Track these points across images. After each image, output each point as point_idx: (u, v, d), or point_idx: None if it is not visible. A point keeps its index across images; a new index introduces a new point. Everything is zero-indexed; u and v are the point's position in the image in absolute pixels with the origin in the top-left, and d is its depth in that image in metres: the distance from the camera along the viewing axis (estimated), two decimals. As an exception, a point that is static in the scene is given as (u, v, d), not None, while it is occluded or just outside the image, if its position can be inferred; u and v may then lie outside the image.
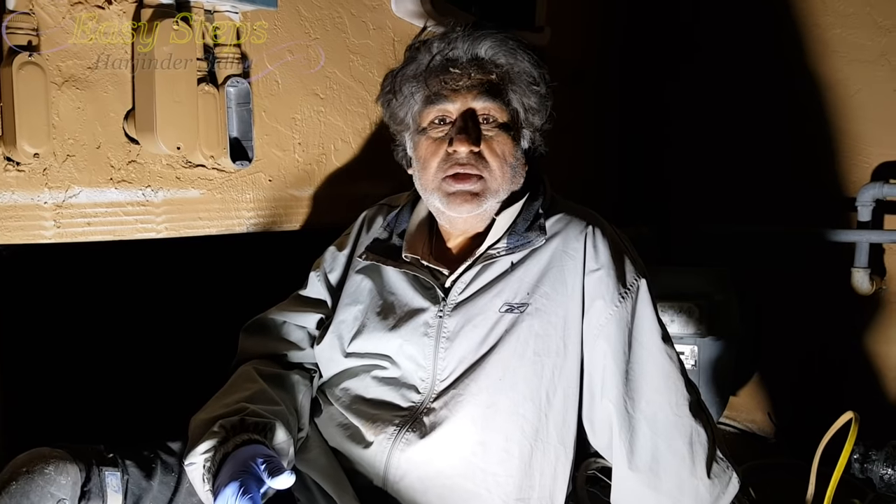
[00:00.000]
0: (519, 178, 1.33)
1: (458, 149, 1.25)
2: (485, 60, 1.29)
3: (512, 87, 1.30)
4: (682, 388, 1.24)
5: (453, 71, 1.28)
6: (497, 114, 1.28)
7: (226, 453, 1.10)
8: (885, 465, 1.95)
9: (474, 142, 1.25)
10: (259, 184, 1.60)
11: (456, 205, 1.28)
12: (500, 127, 1.28)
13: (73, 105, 1.30)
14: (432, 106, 1.29)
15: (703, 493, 1.21)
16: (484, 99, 1.27)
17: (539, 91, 1.31)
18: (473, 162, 1.26)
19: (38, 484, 1.08)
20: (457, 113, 1.28)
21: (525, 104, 1.31)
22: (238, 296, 1.69)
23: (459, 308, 1.28)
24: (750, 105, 2.51)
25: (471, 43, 1.28)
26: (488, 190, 1.28)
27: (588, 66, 2.58)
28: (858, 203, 2.24)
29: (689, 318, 2.10)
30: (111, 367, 1.79)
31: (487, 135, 1.28)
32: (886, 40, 2.24)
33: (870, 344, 2.31)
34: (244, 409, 1.19)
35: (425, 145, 1.30)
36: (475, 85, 1.27)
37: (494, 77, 1.28)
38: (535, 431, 1.23)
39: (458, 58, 1.29)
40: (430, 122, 1.30)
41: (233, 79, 1.47)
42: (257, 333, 1.41)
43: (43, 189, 1.27)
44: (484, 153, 1.27)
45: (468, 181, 1.27)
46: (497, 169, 1.28)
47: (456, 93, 1.27)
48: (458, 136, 1.25)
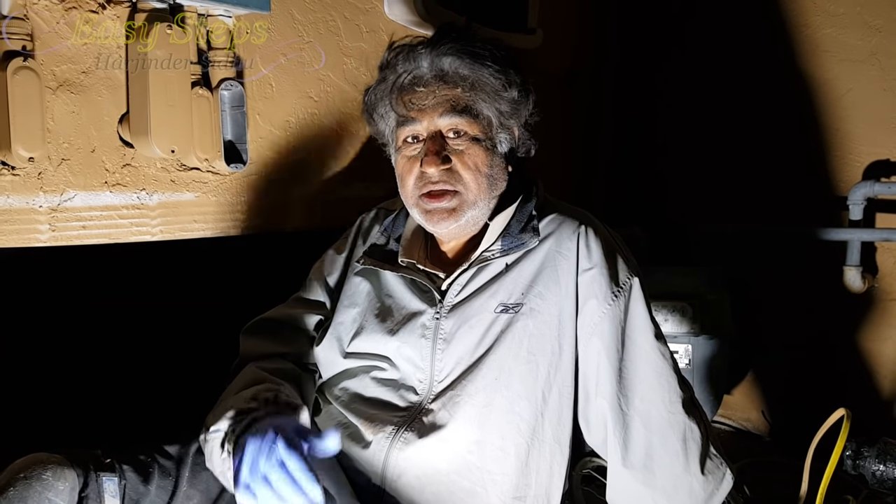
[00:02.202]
0: (500, 183, 1.33)
1: (427, 170, 1.27)
2: (449, 74, 1.28)
3: (481, 97, 1.29)
4: (675, 385, 1.25)
5: (419, 90, 1.28)
6: (466, 127, 1.28)
7: (255, 418, 1.10)
8: (877, 462, 1.96)
9: (442, 160, 1.27)
10: (253, 186, 1.60)
11: (434, 222, 1.30)
12: (471, 140, 1.28)
13: (67, 109, 1.30)
14: (403, 127, 1.30)
15: (696, 489, 1.21)
16: (450, 116, 1.27)
17: (510, 96, 1.30)
18: (446, 178, 1.27)
19: (36, 490, 1.08)
20: (426, 132, 1.29)
21: (498, 110, 1.31)
22: (233, 298, 1.69)
23: (456, 310, 1.29)
24: (742, 105, 2.53)
25: (434, 58, 1.28)
26: (465, 203, 1.29)
27: (581, 68, 2.60)
28: (850, 202, 2.26)
29: (683, 317, 2.12)
30: (107, 371, 1.79)
31: (458, 149, 1.28)
32: (877, 40, 2.26)
33: (862, 341, 2.33)
34: (277, 389, 1.20)
35: (401, 164, 1.32)
36: (441, 102, 1.27)
37: (460, 90, 1.28)
38: (531, 430, 1.24)
39: (422, 75, 1.29)
40: (403, 140, 1.32)
41: (226, 82, 1.48)
42: (258, 335, 1.41)
43: (38, 193, 1.28)
44: (456, 167, 1.28)
45: (443, 198, 1.28)
46: (471, 181, 1.28)
47: (422, 112, 1.28)
48: (426, 158, 1.27)
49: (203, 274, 1.90)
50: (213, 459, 1.16)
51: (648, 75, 2.77)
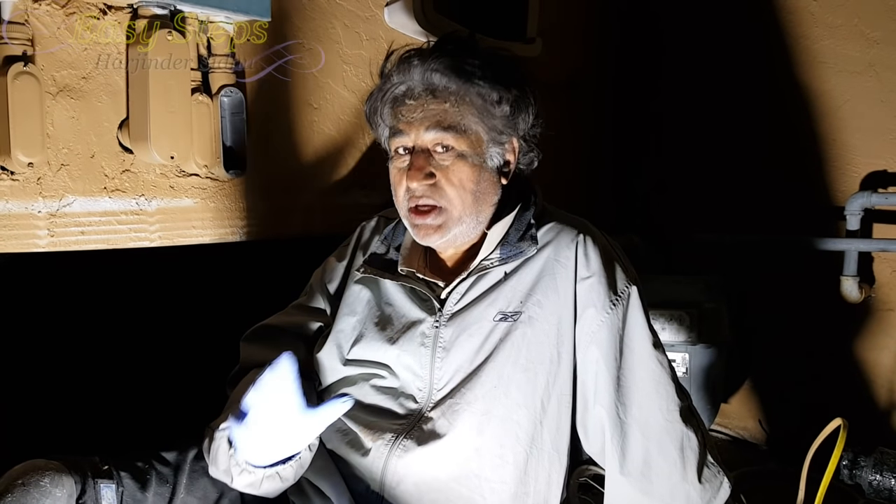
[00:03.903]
0: (490, 197, 1.32)
1: (410, 184, 1.27)
2: (438, 88, 1.28)
3: (470, 112, 1.28)
4: (673, 393, 1.25)
5: (409, 103, 1.29)
6: (453, 142, 1.27)
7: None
8: (874, 471, 1.96)
9: (426, 176, 1.27)
10: (252, 193, 1.61)
11: (422, 236, 1.31)
12: (457, 156, 1.28)
13: (67, 114, 1.31)
14: (394, 138, 1.31)
15: (694, 497, 1.21)
16: (435, 131, 1.27)
17: (501, 111, 1.29)
18: (430, 193, 1.27)
19: (34, 496, 1.08)
20: (413, 145, 1.29)
21: (488, 125, 1.29)
22: (231, 305, 1.69)
23: (455, 318, 1.29)
24: (740, 115, 2.54)
25: (425, 72, 1.27)
26: (450, 219, 1.29)
27: (581, 77, 2.60)
28: (847, 212, 2.26)
29: (680, 325, 2.12)
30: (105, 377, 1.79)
31: (443, 164, 1.28)
32: (874, 51, 2.27)
33: (859, 351, 2.33)
34: None
35: (392, 174, 1.33)
36: (428, 117, 1.27)
37: (448, 105, 1.27)
38: (529, 438, 1.24)
39: (413, 88, 1.29)
40: (394, 150, 1.32)
41: (226, 88, 1.48)
42: (259, 342, 1.41)
43: (37, 198, 1.28)
44: (441, 183, 1.27)
45: (428, 215, 1.28)
46: (455, 197, 1.28)
47: (410, 125, 1.28)
48: (409, 172, 1.27)
49: (202, 280, 1.90)
50: (219, 457, 1.15)
51: (648, 84, 2.78)
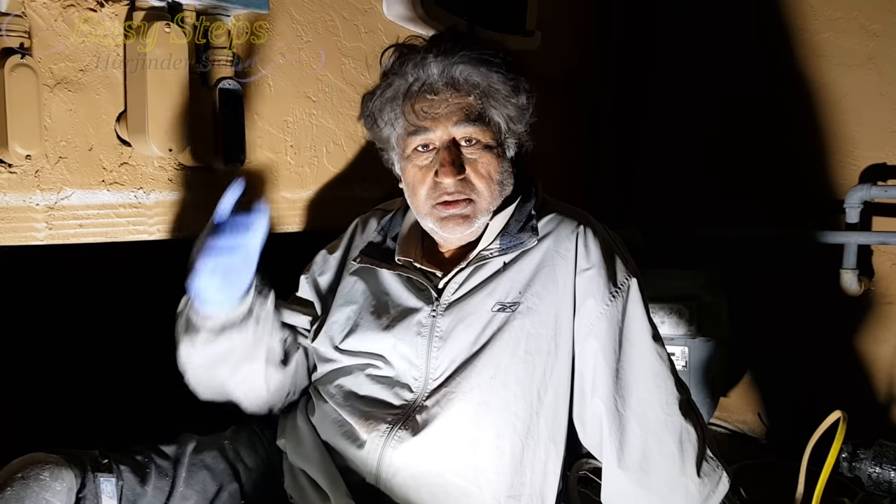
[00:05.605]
0: (508, 187, 1.34)
1: (444, 181, 1.27)
2: (460, 82, 1.27)
3: (492, 104, 1.29)
4: (672, 387, 1.25)
5: (431, 97, 1.27)
6: (479, 135, 1.28)
7: None
8: (874, 464, 1.96)
9: (459, 171, 1.26)
10: (251, 186, 1.60)
11: (449, 228, 1.30)
12: (484, 147, 1.28)
13: (65, 107, 1.30)
14: (414, 136, 1.29)
15: (692, 491, 1.21)
16: (464, 125, 1.26)
17: (518, 101, 1.30)
18: (461, 188, 1.27)
19: (34, 490, 1.08)
20: (439, 141, 1.28)
21: (506, 116, 1.30)
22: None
23: (452, 308, 1.29)
24: (740, 109, 2.53)
25: (445, 65, 1.26)
26: (479, 210, 1.29)
27: (580, 70, 2.60)
28: (847, 205, 2.26)
29: (680, 319, 2.12)
30: (104, 370, 1.79)
31: (471, 157, 1.28)
32: (874, 44, 2.27)
33: (858, 344, 2.33)
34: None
35: (412, 173, 1.31)
36: (454, 111, 1.26)
37: (472, 98, 1.27)
38: (526, 429, 1.24)
39: (433, 82, 1.27)
40: (413, 149, 1.30)
41: (225, 81, 1.47)
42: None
43: (35, 191, 1.27)
44: (470, 177, 1.28)
45: (458, 206, 1.28)
46: (485, 189, 1.29)
47: (435, 121, 1.27)
48: (443, 169, 1.26)
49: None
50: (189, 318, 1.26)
51: (647, 77, 2.77)
